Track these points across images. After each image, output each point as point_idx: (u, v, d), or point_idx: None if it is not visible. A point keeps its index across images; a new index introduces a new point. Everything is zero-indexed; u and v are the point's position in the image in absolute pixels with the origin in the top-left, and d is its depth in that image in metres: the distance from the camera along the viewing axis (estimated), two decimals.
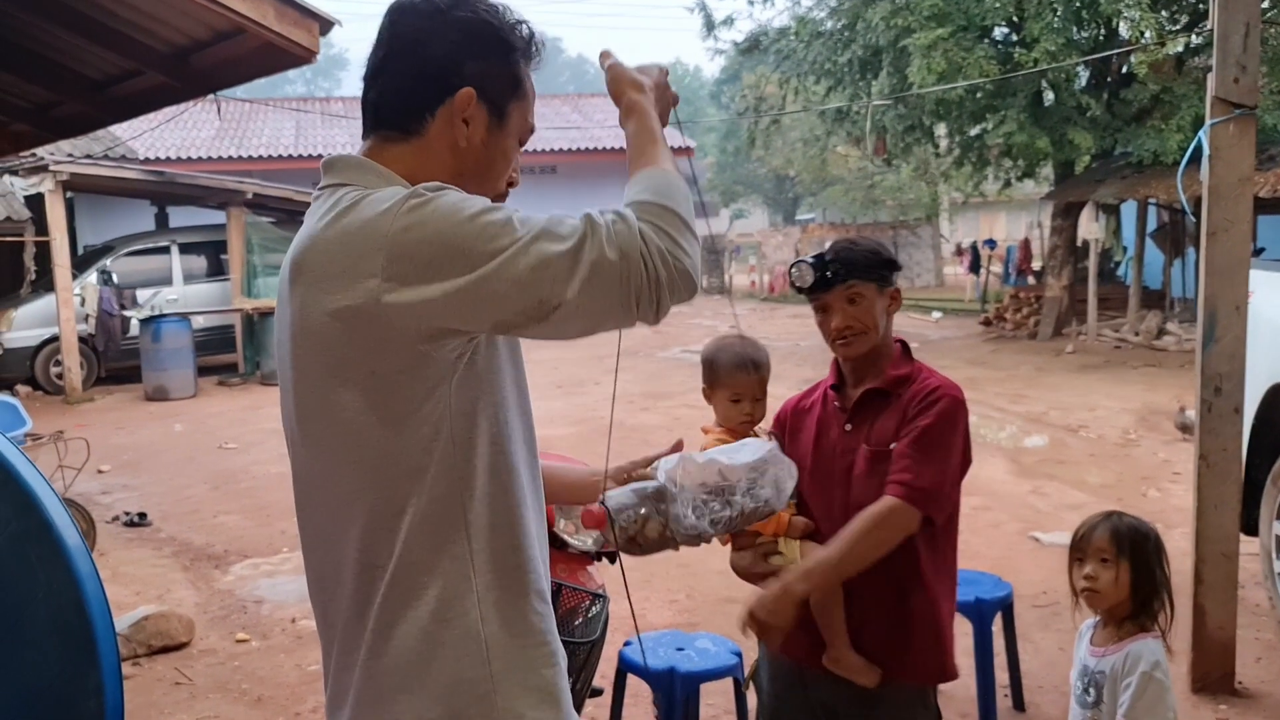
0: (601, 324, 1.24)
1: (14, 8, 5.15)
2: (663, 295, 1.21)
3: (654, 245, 1.21)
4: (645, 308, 1.21)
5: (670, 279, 1.21)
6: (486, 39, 1.35)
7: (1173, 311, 14.48)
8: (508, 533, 1.32)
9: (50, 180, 11.72)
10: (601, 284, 1.18)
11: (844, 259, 2.06)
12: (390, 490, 1.27)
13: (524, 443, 1.38)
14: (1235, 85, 3.59)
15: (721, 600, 4.59)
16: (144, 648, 4.27)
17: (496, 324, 1.23)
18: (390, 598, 1.29)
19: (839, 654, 2.05)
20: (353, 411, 1.26)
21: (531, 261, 1.18)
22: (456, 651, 1.28)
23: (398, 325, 1.20)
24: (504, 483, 1.31)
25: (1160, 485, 6.63)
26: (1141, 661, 2.19)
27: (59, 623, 2.12)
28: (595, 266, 1.18)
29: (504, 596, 1.31)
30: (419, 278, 1.19)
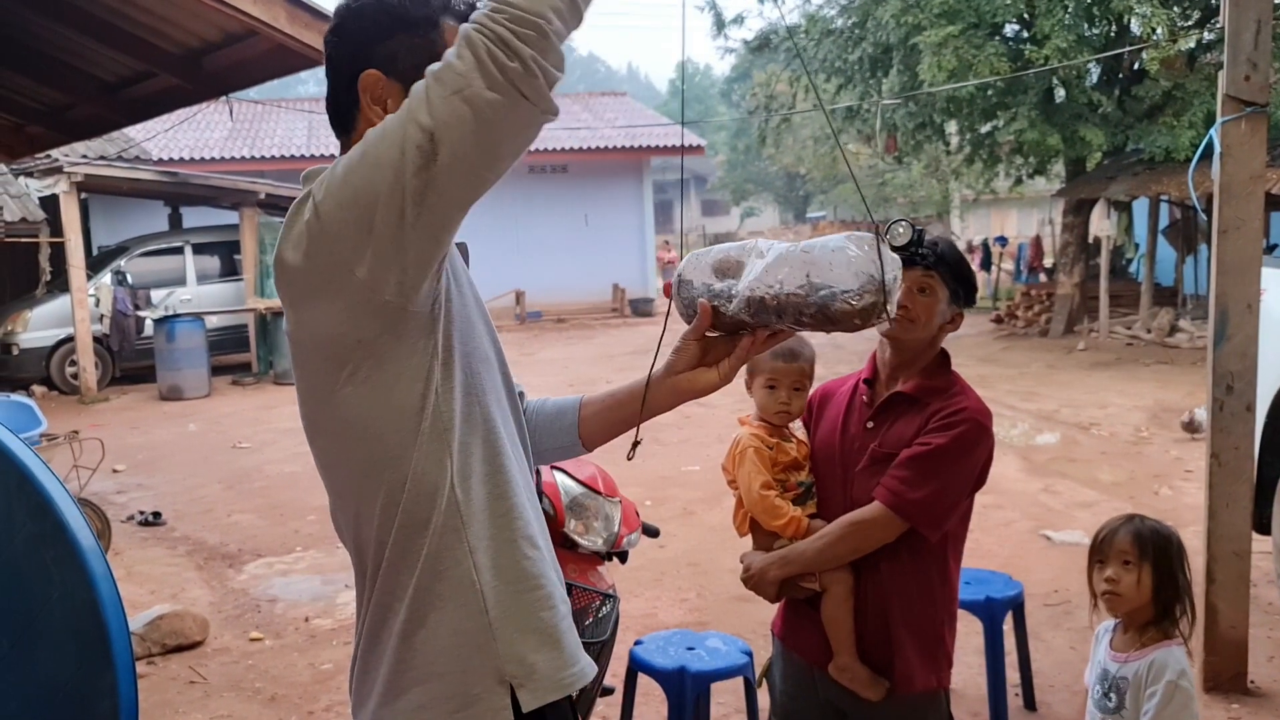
0: (493, 117, 1.15)
1: (29, 11, 5.19)
2: (508, 52, 1.13)
3: (484, 21, 1.15)
4: (509, 74, 1.13)
5: (511, 34, 1.13)
6: (388, 17, 1.35)
7: (1185, 309, 14.41)
8: (491, 481, 1.34)
9: (65, 182, 11.80)
10: (449, 91, 1.15)
11: (940, 250, 2.04)
12: (396, 454, 1.31)
13: (500, 393, 1.40)
14: (1246, 83, 3.58)
15: (732, 599, 4.60)
16: (158, 647, 4.30)
17: (415, 199, 1.19)
18: (394, 563, 1.33)
19: (845, 664, 2.07)
20: (348, 388, 1.30)
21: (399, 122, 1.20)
22: (452, 603, 1.32)
23: (369, 287, 1.23)
24: (483, 433, 1.34)
25: (1172, 483, 6.61)
26: (1167, 670, 2.17)
27: (74, 623, 2.14)
28: (437, 77, 1.17)
29: (494, 545, 1.33)
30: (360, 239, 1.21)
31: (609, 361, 13.53)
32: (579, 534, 2.85)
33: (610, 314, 20.54)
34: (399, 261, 1.22)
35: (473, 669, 1.32)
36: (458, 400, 1.32)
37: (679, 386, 1.52)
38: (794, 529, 2.09)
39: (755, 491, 2.10)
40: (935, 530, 2.02)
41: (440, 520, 1.31)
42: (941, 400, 2.05)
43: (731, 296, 1.50)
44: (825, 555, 2.05)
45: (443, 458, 1.31)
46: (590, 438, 1.60)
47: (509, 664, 1.32)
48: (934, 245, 2.04)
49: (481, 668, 1.31)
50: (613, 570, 3.01)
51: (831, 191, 31.56)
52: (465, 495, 1.32)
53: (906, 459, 2.01)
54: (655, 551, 5.21)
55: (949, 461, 2.00)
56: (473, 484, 1.32)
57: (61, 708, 2.15)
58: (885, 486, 2.01)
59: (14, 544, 2.21)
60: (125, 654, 2.14)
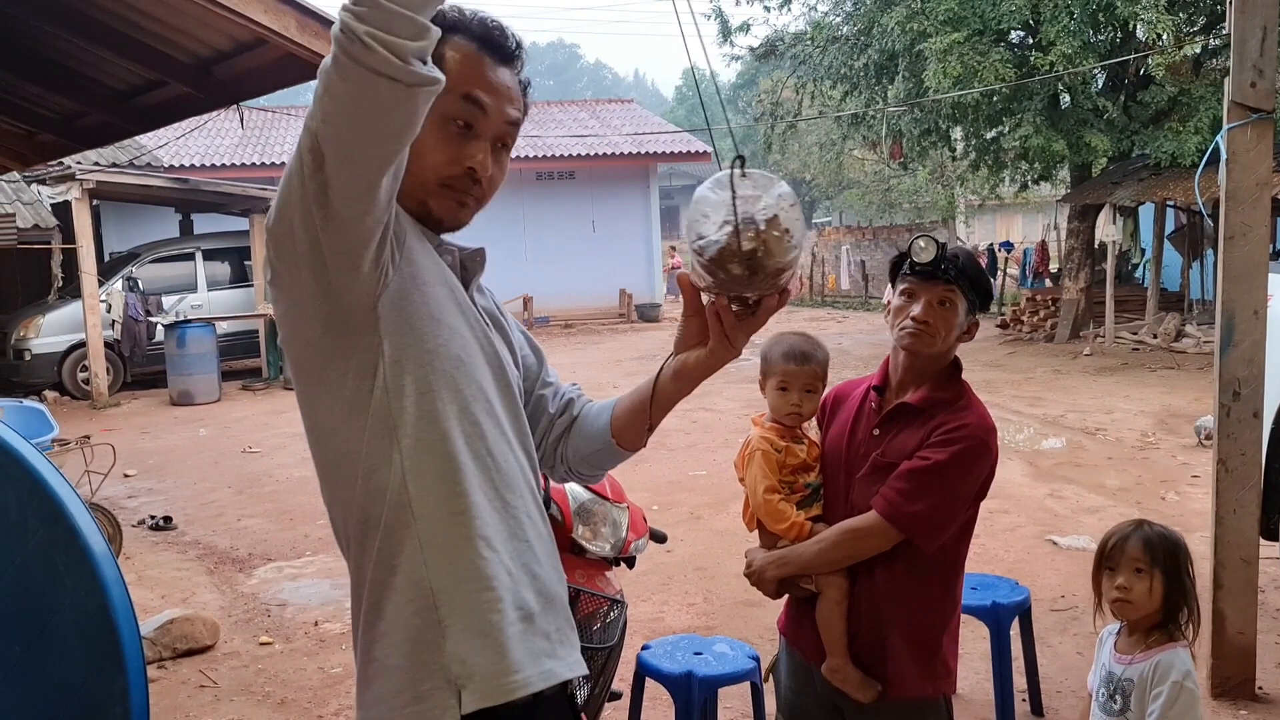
0: (358, 104, 1.15)
1: (42, 20, 5.23)
2: (363, 29, 1.11)
3: (340, 12, 1.14)
4: (361, 49, 1.12)
5: (350, 15, 1.12)
6: None
7: (1191, 314, 14.39)
8: (448, 480, 1.35)
9: (77, 189, 11.87)
10: (321, 86, 1.16)
11: (962, 263, 2.06)
12: (351, 451, 1.35)
13: (484, 394, 1.41)
14: (1252, 89, 3.58)
15: (739, 604, 4.61)
16: (169, 651, 4.32)
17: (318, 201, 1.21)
18: (358, 559, 1.37)
19: (837, 666, 2.10)
20: (309, 389, 1.37)
21: None
22: (404, 598, 1.34)
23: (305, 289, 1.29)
24: (441, 431, 1.35)
25: (1179, 489, 6.60)
26: (1173, 671, 2.18)
27: (85, 628, 2.16)
28: (318, 79, 1.17)
29: (448, 542, 1.34)
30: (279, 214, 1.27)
31: (616, 367, 13.55)
32: (587, 539, 2.87)
33: (618, 320, 20.57)
34: (319, 263, 1.26)
35: (423, 665, 1.33)
36: (409, 397, 1.33)
37: (684, 367, 1.47)
38: (795, 533, 2.12)
39: (760, 495, 2.13)
40: (931, 542, 2.04)
41: (389, 515, 1.33)
42: (947, 413, 2.06)
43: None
44: (821, 559, 2.08)
45: (390, 454, 1.33)
46: (621, 436, 1.58)
47: (454, 664, 1.32)
48: (955, 259, 2.05)
49: (431, 664, 1.32)
50: (620, 575, 3.02)
51: (837, 197, 31.54)
52: (419, 492, 1.33)
53: (906, 471, 2.03)
54: (663, 556, 5.22)
55: (948, 477, 2.01)
56: (427, 481, 1.34)
57: (73, 712, 2.17)
58: (883, 497, 2.03)
59: (26, 549, 2.23)
60: (136, 658, 2.16)
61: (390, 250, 1.31)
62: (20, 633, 2.21)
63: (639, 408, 1.54)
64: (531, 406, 1.61)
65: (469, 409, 1.38)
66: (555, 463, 1.65)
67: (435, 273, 1.40)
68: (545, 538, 1.48)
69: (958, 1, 13.10)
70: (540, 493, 1.52)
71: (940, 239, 2.08)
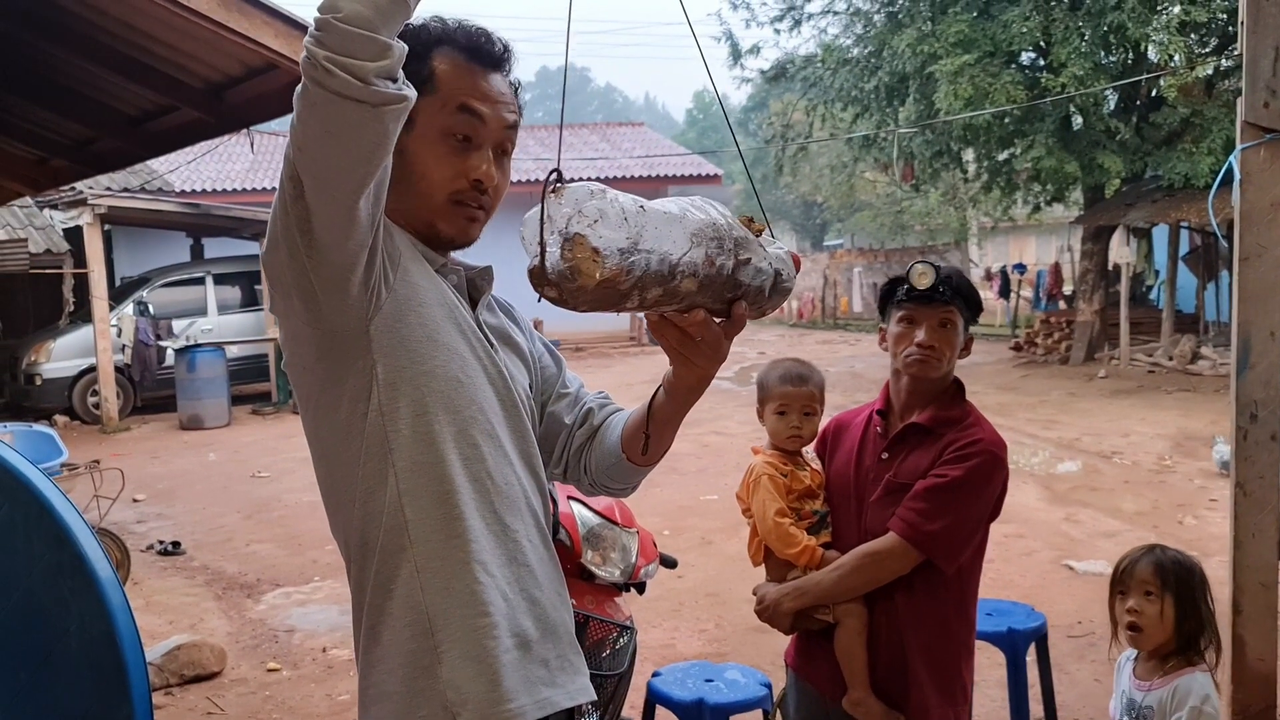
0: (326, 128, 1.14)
1: (54, 46, 5.28)
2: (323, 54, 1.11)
3: (308, 39, 1.13)
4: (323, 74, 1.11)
5: (322, 37, 1.11)
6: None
7: (1206, 335, 14.29)
8: (444, 503, 1.33)
9: (89, 213, 11.96)
10: (295, 115, 1.17)
11: (956, 283, 2.07)
12: (349, 475, 1.34)
13: (486, 416, 1.38)
14: (1265, 110, 3.55)
15: (751, 630, 4.56)
16: (176, 677, 4.30)
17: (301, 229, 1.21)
18: (358, 581, 1.37)
19: (859, 698, 2.05)
20: (309, 415, 1.38)
21: None
22: (400, 622, 1.32)
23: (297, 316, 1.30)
24: (437, 454, 1.33)
25: (1197, 513, 6.52)
26: (1191, 696, 2.16)
27: (91, 655, 2.14)
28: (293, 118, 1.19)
29: (444, 566, 1.32)
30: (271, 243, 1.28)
31: (627, 390, 13.52)
32: (596, 565, 2.83)
33: (628, 343, 20.57)
34: (308, 289, 1.26)
35: (419, 692, 1.31)
36: (404, 420, 1.32)
37: (669, 383, 1.43)
38: (808, 558, 2.08)
39: (770, 519, 2.09)
40: (951, 562, 2.00)
41: (384, 539, 1.32)
42: (956, 431, 2.04)
43: None
44: (840, 587, 2.04)
45: (385, 477, 1.32)
46: (629, 450, 1.54)
47: (449, 690, 1.30)
48: (950, 279, 2.05)
49: (428, 691, 1.31)
50: (630, 601, 2.99)
51: (849, 219, 31.57)
52: (415, 515, 1.32)
53: (922, 491, 2.00)
54: (673, 582, 5.18)
55: (965, 494, 1.99)
56: (423, 504, 1.32)
57: None
58: (901, 518, 1.99)
59: (32, 575, 2.22)
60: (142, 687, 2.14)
61: (382, 272, 1.30)
62: (25, 659, 2.19)
63: (640, 421, 1.51)
64: (547, 418, 1.59)
65: (467, 431, 1.36)
66: (580, 475, 1.61)
67: (433, 293, 1.38)
68: (548, 562, 1.45)
69: (968, 24, 13.13)
70: (549, 516, 1.49)
71: (936, 262, 2.09)
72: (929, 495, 1.99)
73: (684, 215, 1.25)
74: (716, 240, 1.25)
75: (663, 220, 1.21)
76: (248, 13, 4.37)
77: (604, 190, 1.21)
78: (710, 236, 1.24)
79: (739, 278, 1.28)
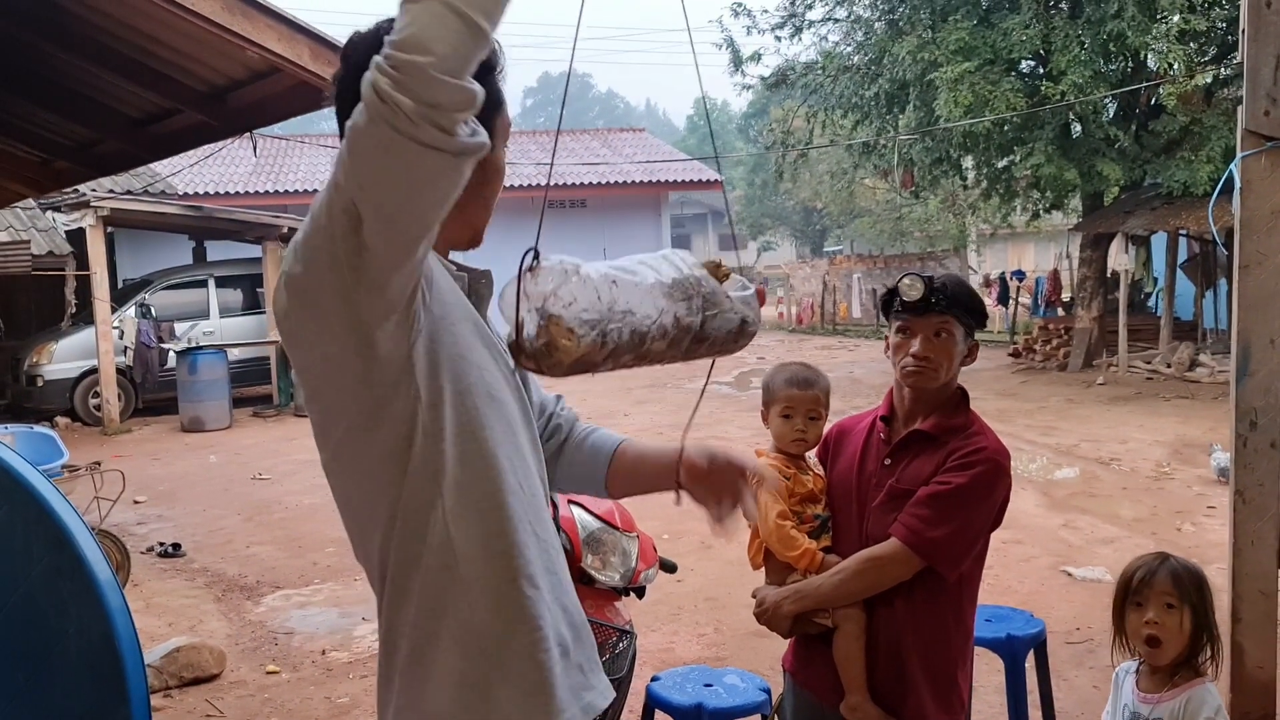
0: (402, 175, 1.11)
1: (57, 48, 5.29)
2: (404, 99, 1.06)
3: (373, 71, 1.08)
4: (405, 123, 1.07)
5: (394, 78, 1.06)
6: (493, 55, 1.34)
7: (1205, 343, 14.30)
8: (491, 519, 1.32)
9: (91, 215, 11.97)
10: (359, 150, 1.11)
11: (951, 292, 2.04)
12: (385, 494, 1.31)
13: (510, 428, 1.38)
14: (1266, 118, 3.56)
15: (750, 634, 4.56)
16: (175, 679, 4.29)
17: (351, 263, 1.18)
18: (393, 599, 1.33)
19: (857, 703, 2.05)
20: (340, 430, 1.32)
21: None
22: (449, 641, 1.31)
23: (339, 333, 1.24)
24: (479, 470, 1.32)
25: (1195, 520, 6.52)
26: (1204, 707, 2.14)
27: (90, 657, 2.14)
28: (345, 144, 1.13)
29: (493, 584, 1.32)
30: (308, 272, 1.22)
31: (627, 394, 13.53)
32: (596, 569, 2.84)
33: None
34: (353, 318, 1.22)
35: (471, 710, 1.30)
36: (449, 441, 1.30)
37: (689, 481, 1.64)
38: (808, 561, 2.08)
39: (771, 521, 2.09)
40: (952, 569, 2.01)
41: (429, 558, 1.30)
42: (960, 439, 2.04)
43: None
44: (841, 591, 2.04)
45: (432, 497, 1.29)
46: (615, 490, 1.62)
47: (504, 708, 1.30)
48: (943, 289, 2.04)
49: (480, 709, 1.30)
50: (630, 605, 2.99)
51: (848, 226, 31.60)
52: (461, 534, 1.30)
53: (925, 497, 2.00)
54: (673, 586, 5.18)
55: (968, 501, 1.99)
56: (470, 521, 1.31)
57: None
58: (903, 524, 2.00)
59: (31, 576, 2.22)
60: (140, 689, 2.14)
61: (420, 294, 1.28)
62: (24, 661, 2.19)
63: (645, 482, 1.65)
64: None
65: (503, 445, 1.36)
66: None
67: (459, 308, 1.37)
68: (566, 566, 1.46)
69: (968, 31, 13.16)
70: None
71: (926, 273, 2.08)
72: (932, 502, 1.99)
73: (655, 281, 1.35)
74: (685, 301, 1.35)
75: (634, 291, 1.31)
76: (251, 16, 4.38)
77: (578, 268, 1.30)
78: (680, 298, 1.35)
79: (705, 330, 1.39)
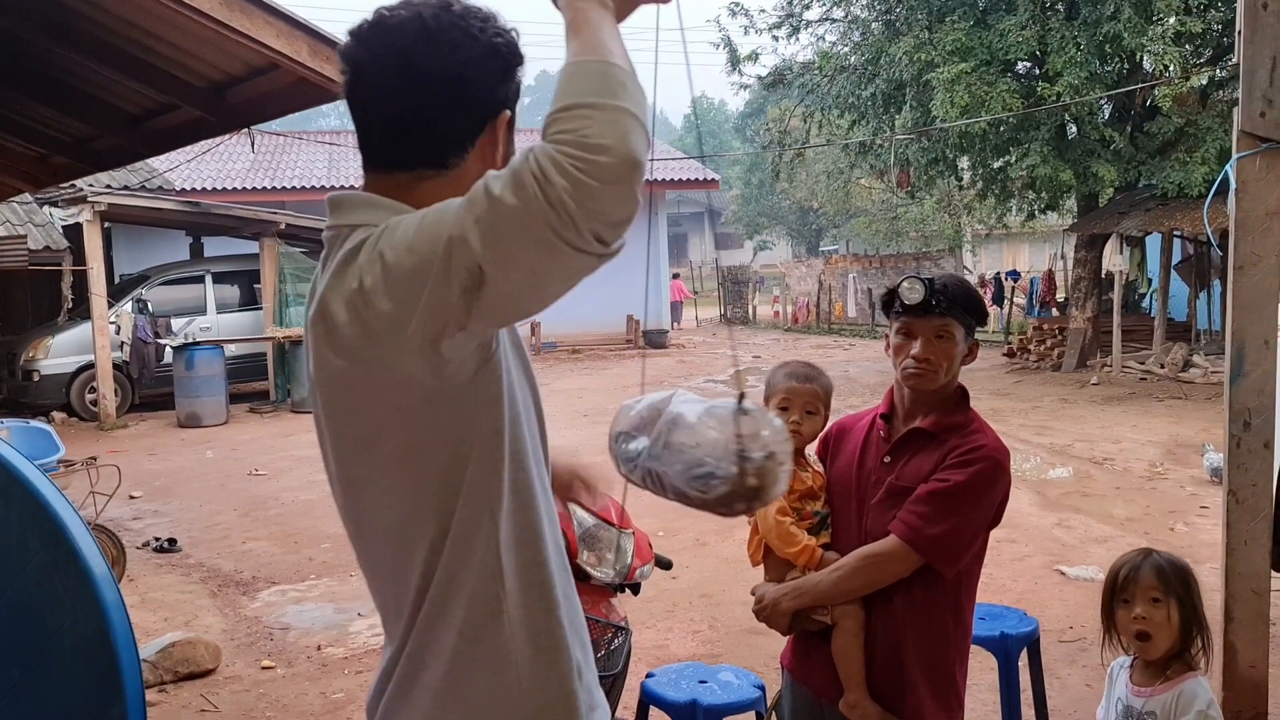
0: (542, 270, 1.10)
1: (55, 43, 5.28)
2: (577, 209, 1.05)
3: (546, 162, 1.05)
4: (571, 232, 1.06)
5: (579, 186, 1.04)
6: (511, 58, 1.35)
7: (1199, 344, 14.34)
8: (531, 548, 1.32)
9: (88, 211, 11.95)
10: (503, 231, 1.08)
11: (952, 293, 2.05)
12: (436, 516, 1.28)
13: (538, 457, 1.38)
14: (1261, 119, 3.57)
15: (745, 631, 4.57)
16: (170, 674, 4.30)
17: (459, 316, 1.16)
18: (430, 619, 1.31)
19: (855, 700, 2.06)
20: (389, 447, 1.27)
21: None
22: (489, 669, 1.30)
23: (404, 356, 1.19)
24: (524, 499, 1.32)
25: (1188, 519, 6.55)
26: (1197, 700, 2.17)
27: (84, 652, 2.14)
28: (491, 215, 1.09)
29: (529, 613, 1.32)
30: (407, 311, 1.17)
31: (623, 393, 13.52)
32: (592, 565, 2.84)
33: (625, 345, 20.57)
34: (435, 357, 1.19)
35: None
36: (505, 471, 1.29)
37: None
38: (807, 557, 2.09)
39: (771, 516, 2.10)
40: (951, 566, 2.01)
41: (478, 586, 1.29)
42: (959, 437, 2.05)
43: (636, 462, 1.49)
44: (839, 588, 2.04)
45: (485, 524, 1.28)
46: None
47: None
48: (944, 290, 2.04)
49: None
50: (625, 602, 3.00)
51: (844, 225, 31.63)
52: (509, 562, 1.30)
53: (925, 494, 2.01)
54: (668, 583, 5.19)
55: (967, 498, 2.00)
56: (516, 551, 1.31)
57: None
58: (902, 521, 2.00)
59: (26, 571, 2.22)
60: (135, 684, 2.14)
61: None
62: (19, 655, 2.19)
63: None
64: None
65: (539, 469, 1.36)
66: None
67: (505, 330, 1.33)
68: (574, 585, 1.46)
69: (965, 32, 13.18)
70: None
71: (925, 276, 2.08)
72: (931, 499, 2.00)
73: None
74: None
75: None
76: (250, 12, 4.38)
77: (768, 414, 1.39)
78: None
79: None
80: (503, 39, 1.33)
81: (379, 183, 1.33)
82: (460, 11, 1.30)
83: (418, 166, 1.31)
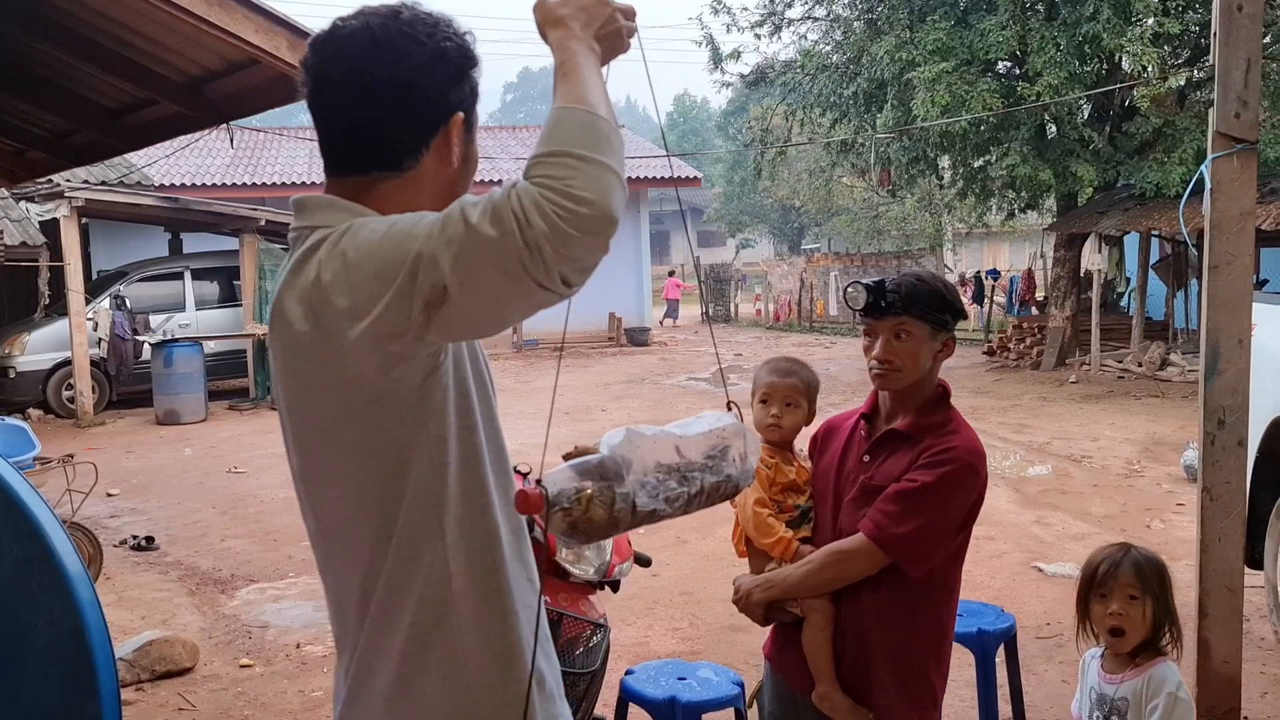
0: (505, 300, 1.15)
1: (32, 38, 5.24)
2: (551, 253, 1.09)
3: (529, 203, 1.10)
4: (540, 272, 1.11)
5: (557, 232, 1.09)
6: (463, 62, 1.37)
7: (1176, 343, 14.47)
8: (486, 555, 1.33)
9: (66, 206, 11.84)
10: (474, 258, 1.12)
11: (904, 292, 2.04)
12: (378, 518, 1.30)
13: (495, 464, 1.38)
14: (1236, 120, 3.61)
15: (725, 629, 4.58)
16: (147, 673, 4.27)
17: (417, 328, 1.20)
18: (377, 623, 1.32)
19: (825, 693, 2.08)
20: (337, 445, 1.31)
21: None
22: (438, 674, 1.31)
23: (354, 352, 1.22)
24: (479, 505, 1.32)
25: (1164, 516, 6.61)
26: (1166, 683, 2.22)
27: (59, 651, 2.13)
28: (465, 241, 1.13)
29: (483, 619, 1.32)
30: (362, 309, 1.20)
31: (605, 390, 13.55)
32: (571, 563, 2.85)
33: (607, 343, 20.57)
34: (387, 353, 1.21)
35: None
36: (453, 474, 1.30)
37: None
38: (782, 549, 2.11)
39: (749, 507, 2.13)
40: (917, 566, 2.02)
41: (423, 589, 1.30)
42: (934, 437, 2.06)
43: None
44: (807, 582, 2.07)
45: (433, 530, 1.29)
46: None
47: None
48: (896, 290, 2.04)
49: None
50: (604, 599, 3.00)
51: (826, 224, 31.72)
52: (460, 568, 1.31)
53: (893, 494, 2.02)
54: (647, 580, 5.20)
55: (934, 499, 2.01)
56: (468, 557, 1.31)
57: None
58: (870, 519, 2.02)
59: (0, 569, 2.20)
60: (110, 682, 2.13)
61: None
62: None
63: None
64: None
65: (498, 479, 1.37)
66: None
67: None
68: (539, 584, 1.46)
69: (946, 32, 13.24)
70: None
71: (877, 278, 2.10)
72: (899, 499, 2.01)
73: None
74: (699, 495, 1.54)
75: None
76: (229, 7, 4.36)
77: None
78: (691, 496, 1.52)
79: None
80: (452, 43, 1.36)
81: (339, 185, 1.37)
82: (409, 19, 1.34)
83: (373, 170, 1.35)
